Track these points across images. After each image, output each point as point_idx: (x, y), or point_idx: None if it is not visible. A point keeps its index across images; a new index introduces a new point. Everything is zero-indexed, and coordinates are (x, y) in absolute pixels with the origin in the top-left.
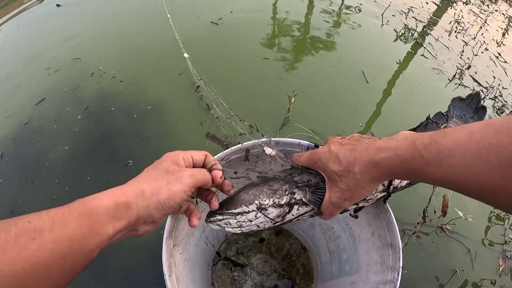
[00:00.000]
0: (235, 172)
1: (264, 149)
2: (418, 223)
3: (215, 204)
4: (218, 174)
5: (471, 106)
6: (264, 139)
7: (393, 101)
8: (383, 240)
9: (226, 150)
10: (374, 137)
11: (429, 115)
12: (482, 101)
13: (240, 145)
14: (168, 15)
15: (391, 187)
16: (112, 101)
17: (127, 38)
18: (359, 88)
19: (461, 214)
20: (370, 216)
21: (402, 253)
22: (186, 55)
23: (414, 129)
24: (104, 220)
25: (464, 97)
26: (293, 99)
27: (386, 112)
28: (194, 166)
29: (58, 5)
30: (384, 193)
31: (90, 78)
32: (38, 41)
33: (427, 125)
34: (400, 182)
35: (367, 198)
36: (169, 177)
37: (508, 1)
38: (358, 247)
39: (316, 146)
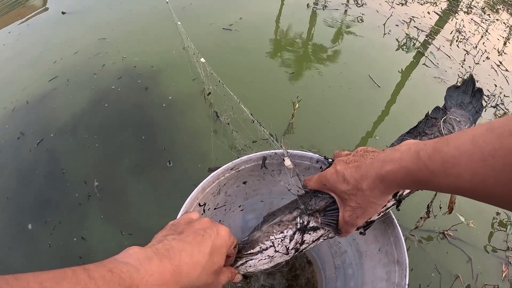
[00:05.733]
0: (244, 182)
1: (284, 159)
2: (421, 217)
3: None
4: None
5: (467, 92)
6: (280, 150)
7: (398, 110)
8: (390, 257)
9: (236, 160)
10: (381, 149)
11: (428, 112)
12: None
13: (250, 155)
14: (179, 23)
15: (397, 195)
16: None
17: (145, 35)
18: (366, 94)
19: (462, 219)
20: (377, 232)
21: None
22: (202, 60)
23: (414, 128)
24: None
25: (459, 85)
26: (297, 105)
27: (392, 121)
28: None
29: (63, 13)
30: (393, 202)
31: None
32: (51, 36)
33: (426, 121)
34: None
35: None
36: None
37: (509, 10)
38: (364, 263)
39: (326, 159)
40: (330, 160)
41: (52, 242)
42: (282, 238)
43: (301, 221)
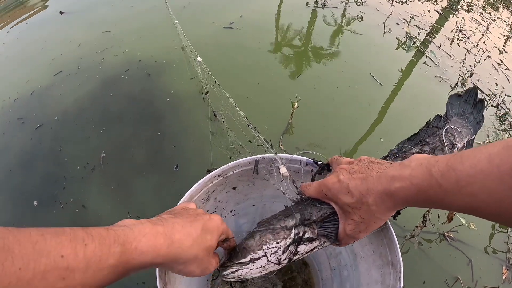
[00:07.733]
0: (234, 188)
1: (279, 166)
2: (417, 226)
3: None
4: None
5: (469, 102)
6: (269, 155)
7: (400, 110)
8: (384, 259)
9: (223, 166)
10: (387, 162)
11: (429, 120)
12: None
13: (237, 161)
14: (176, 21)
15: None
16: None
17: (147, 31)
18: (370, 93)
19: (463, 221)
20: (371, 234)
21: (403, 268)
22: (199, 58)
23: (415, 135)
24: (138, 267)
25: (461, 94)
26: (296, 105)
27: (395, 120)
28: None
29: (61, 13)
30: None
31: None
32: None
33: (427, 129)
34: None
35: None
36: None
37: (509, 9)
38: (358, 265)
39: (315, 162)
40: (320, 163)
41: (59, 219)
42: (276, 249)
43: (296, 232)
